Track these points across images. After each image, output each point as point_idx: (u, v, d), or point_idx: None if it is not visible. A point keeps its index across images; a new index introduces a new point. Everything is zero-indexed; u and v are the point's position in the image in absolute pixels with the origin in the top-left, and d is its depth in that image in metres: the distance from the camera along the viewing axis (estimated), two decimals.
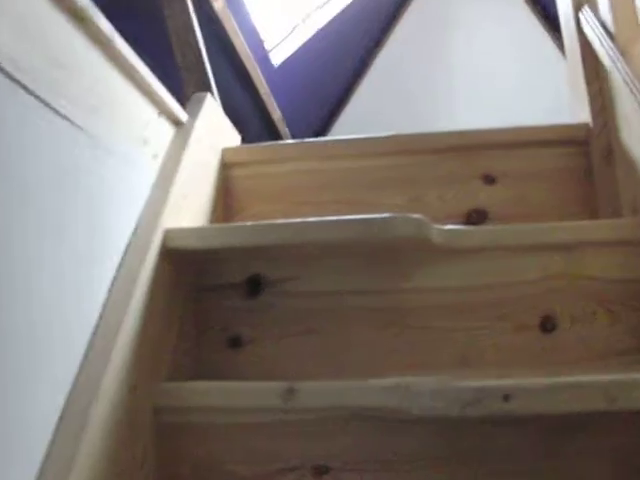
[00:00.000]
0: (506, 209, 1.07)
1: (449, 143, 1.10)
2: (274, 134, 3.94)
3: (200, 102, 1.07)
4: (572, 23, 1.12)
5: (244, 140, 1.34)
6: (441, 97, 4.71)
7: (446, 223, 1.03)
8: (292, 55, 3.70)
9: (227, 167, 1.13)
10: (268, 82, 3.42)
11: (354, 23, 4.33)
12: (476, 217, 1.07)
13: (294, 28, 3.67)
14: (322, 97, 4.70)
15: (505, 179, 1.08)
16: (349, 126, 4.86)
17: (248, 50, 3.03)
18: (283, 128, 3.95)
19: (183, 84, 1.75)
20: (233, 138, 1.21)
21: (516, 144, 1.09)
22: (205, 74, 1.75)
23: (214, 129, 1.11)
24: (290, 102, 4.00)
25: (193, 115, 1.03)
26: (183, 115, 0.99)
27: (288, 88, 3.95)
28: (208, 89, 1.74)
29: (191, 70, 1.81)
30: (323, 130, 4.98)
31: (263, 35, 3.26)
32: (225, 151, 1.12)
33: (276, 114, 3.71)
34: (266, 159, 1.13)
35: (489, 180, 1.08)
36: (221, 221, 1.08)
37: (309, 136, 4.91)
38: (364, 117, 4.84)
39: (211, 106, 1.10)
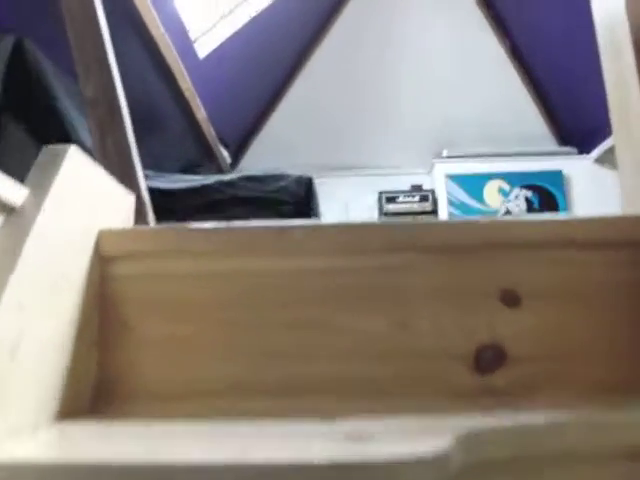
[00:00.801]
0: (535, 346, 0.71)
1: (451, 238, 0.73)
2: (198, 136, 3.47)
3: (55, 164, 0.64)
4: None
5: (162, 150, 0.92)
6: (383, 90, 4.38)
7: (444, 365, 0.68)
8: (220, 46, 3.24)
9: (106, 261, 0.71)
10: (192, 77, 2.95)
11: (290, 12, 3.90)
12: (490, 358, 0.71)
13: (223, 16, 3.21)
14: (254, 92, 4.24)
15: (534, 299, 0.72)
16: (284, 124, 4.45)
17: (168, 40, 2.55)
18: (209, 129, 3.47)
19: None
20: (119, 210, 0.78)
21: (551, 243, 0.73)
22: (110, 74, 1.33)
23: (82, 202, 0.68)
24: (218, 99, 3.53)
25: (40, 188, 0.60)
26: (17, 195, 0.56)
27: (216, 84, 3.48)
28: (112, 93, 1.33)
29: (91, 69, 1.40)
30: (254, 129, 4.53)
31: (187, 23, 2.79)
32: (103, 236, 0.70)
33: (200, 113, 3.23)
34: (170, 249, 0.72)
35: (511, 299, 0.72)
36: (93, 358, 0.67)
37: (239, 138, 4.50)
38: (301, 114, 4.45)
39: (76, 165, 0.68)
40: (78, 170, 0.67)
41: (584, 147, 4.24)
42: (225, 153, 4.01)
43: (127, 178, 1.18)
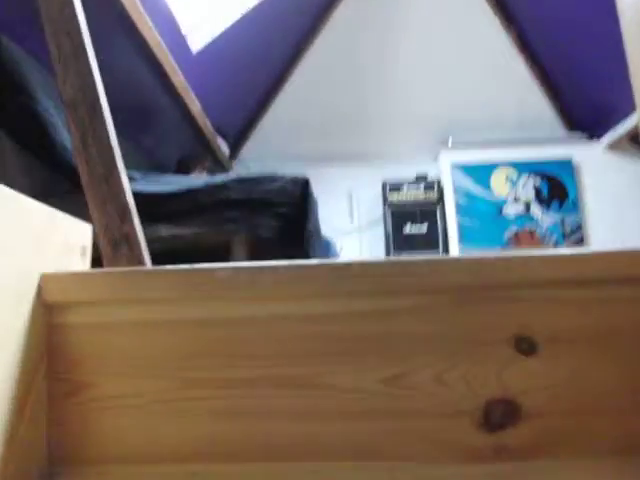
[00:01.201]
0: (553, 400, 0.61)
1: (454, 278, 0.63)
2: (194, 130, 3.36)
3: None
4: None
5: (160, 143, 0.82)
6: (387, 77, 4.25)
7: (448, 423, 0.58)
8: (214, 41, 3.11)
9: (54, 309, 0.61)
10: (185, 71, 2.83)
11: (287, 5, 3.75)
12: (501, 415, 0.61)
13: (216, 9, 3.08)
14: (254, 81, 4.11)
15: (552, 345, 0.61)
16: (285, 113, 4.32)
17: (157, 34, 2.43)
18: (204, 122, 3.36)
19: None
20: (70, 247, 0.68)
21: (571, 281, 0.62)
22: (90, 73, 1.25)
23: (16, 242, 0.58)
24: (215, 90, 3.41)
25: None
26: None
27: (212, 75, 3.36)
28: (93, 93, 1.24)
29: (69, 68, 1.31)
30: (255, 119, 4.40)
31: (178, 17, 2.66)
32: (46, 280, 0.60)
33: (195, 107, 3.12)
34: (127, 298, 0.62)
35: (525, 346, 0.61)
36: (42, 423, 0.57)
37: (238, 128, 4.38)
38: (302, 102, 4.32)
39: (4, 203, 0.57)
40: (6, 208, 0.57)
41: (594, 132, 4.10)
42: (224, 145, 3.90)
43: (110, 181, 1.08)
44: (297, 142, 4.31)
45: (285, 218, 1.74)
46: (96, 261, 0.76)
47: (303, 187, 1.77)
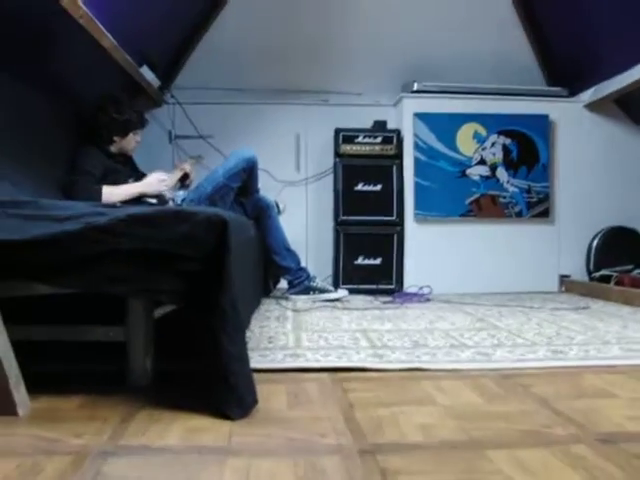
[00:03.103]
0: None
1: None
2: (113, 64, 2.74)
3: None
4: None
5: None
6: (343, 17, 3.63)
7: None
8: None
9: None
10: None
11: None
12: None
13: None
14: (181, 9, 3.40)
15: None
16: (225, 36, 3.65)
17: None
18: (122, 56, 2.74)
19: None
20: None
21: None
22: None
23: None
24: (134, 18, 2.76)
25: None
26: None
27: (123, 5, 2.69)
28: None
29: None
30: (190, 43, 3.72)
31: None
32: None
33: (106, 41, 2.50)
34: None
35: None
36: None
37: (167, 61, 3.64)
38: (248, 23, 3.65)
39: None
40: None
41: (576, 89, 3.65)
42: (151, 76, 3.27)
43: None
44: (239, 71, 3.69)
45: (194, 278, 1.30)
46: None
47: (220, 232, 1.31)
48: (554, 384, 1.50)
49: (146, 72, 3.18)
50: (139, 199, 2.59)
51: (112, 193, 2.48)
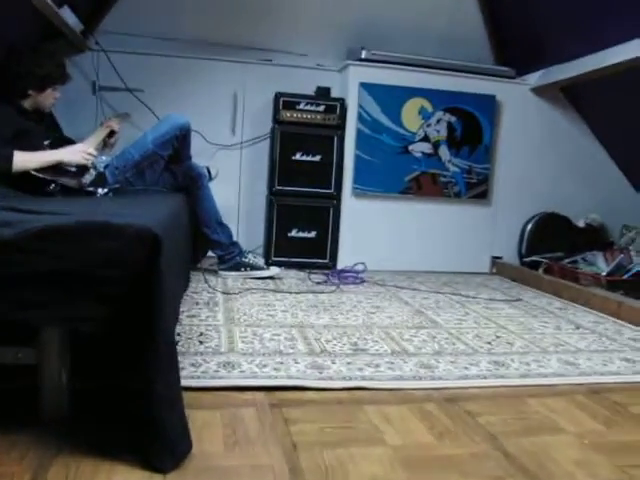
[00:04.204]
0: None
1: None
2: (24, 6, 2.39)
3: None
4: None
5: None
6: None
7: None
8: None
9: None
10: None
11: None
12: None
13: None
14: None
15: None
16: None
17: None
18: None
19: None
20: None
21: None
22: None
23: None
24: None
25: None
26: None
27: None
28: None
29: None
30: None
31: None
32: None
33: None
34: None
35: None
36: None
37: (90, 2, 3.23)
38: None
39: None
40: None
41: (525, 72, 3.58)
42: (73, 18, 2.91)
43: None
44: (175, 20, 3.36)
45: (121, 303, 1.12)
46: None
47: (152, 249, 1.13)
48: (499, 411, 1.46)
49: (67, 13, 2.82)
50: (56, 167, 2.30)
51: (25, 160, 2.18)
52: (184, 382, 1.42)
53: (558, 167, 3.65)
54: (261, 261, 3.17)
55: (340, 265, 3.41)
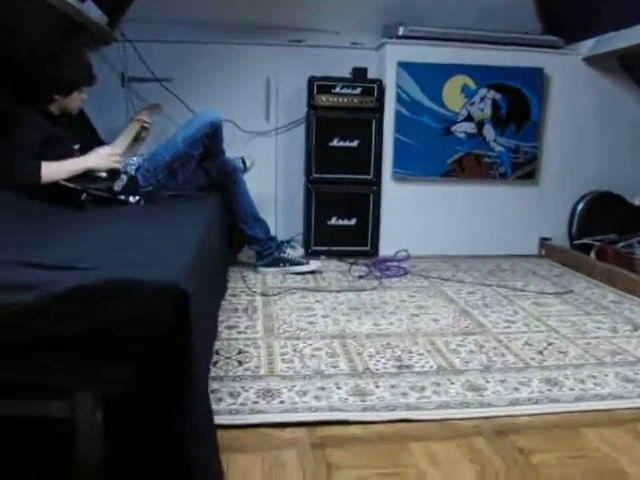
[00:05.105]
0: None
1: None
2: (46, 7, 2.31)
3: None
4: None
5: None
6: None
7: None
8: None
9: None
10: None
11: None
12: None
13: None
14: None
15: None
16: None
17: None
18: None
19: None
20: None
21: None
22: None
23: None
24: None
25: None
26: None
27: None
28: None
29: None
30: None
31: None
32: None
33: None
34: None
35: None
36: None
37: None
38: None
39: None
40: None
41: (572, 39, 3.33)
42: (97, 12, 2.82)
43: None
44: (200, 4, 3.23)
45: (147, 363, 1.06)
46: None
47: (178, 305, 1.07)
48: (554, 447, 1.36)
49: (90, 8, 2.73)
50: (86, 174, 2.25)
51: (52, 171, 2.13)
52: (223, 420, 1.39)
53: (613, 143, 3.42)
54: (300, 253, 3.10)
55: (382, 252, 3.31)
